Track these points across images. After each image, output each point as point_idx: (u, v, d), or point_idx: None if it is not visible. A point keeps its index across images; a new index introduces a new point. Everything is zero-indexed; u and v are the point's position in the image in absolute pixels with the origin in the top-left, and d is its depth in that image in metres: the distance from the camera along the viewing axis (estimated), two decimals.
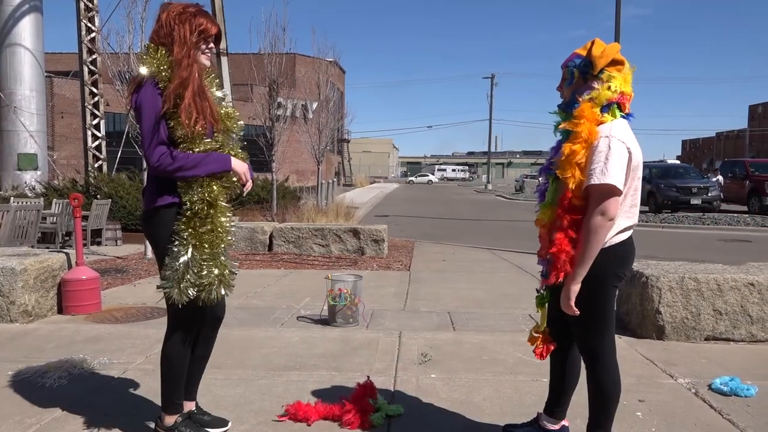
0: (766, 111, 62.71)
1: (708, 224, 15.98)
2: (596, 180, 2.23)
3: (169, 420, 2.74)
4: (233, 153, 2.66)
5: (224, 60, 19.67)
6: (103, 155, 15.75)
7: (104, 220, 10.79)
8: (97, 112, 15.60)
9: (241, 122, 2.76)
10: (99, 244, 10.68)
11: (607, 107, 2.33)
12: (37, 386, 3.46)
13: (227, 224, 2.63)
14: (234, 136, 2.74)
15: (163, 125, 2.49)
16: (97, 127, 15.63)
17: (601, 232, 2.26)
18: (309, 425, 2.96)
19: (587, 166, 2.27)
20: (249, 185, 2.70)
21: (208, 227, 2.56)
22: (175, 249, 2.55)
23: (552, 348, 2.63)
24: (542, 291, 2.62)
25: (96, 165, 15.50)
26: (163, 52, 2.55)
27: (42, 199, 11.87)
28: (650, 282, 4.51)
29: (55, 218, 10.25)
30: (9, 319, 4.86)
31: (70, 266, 5.48)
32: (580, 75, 2.38)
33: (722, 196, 21.61)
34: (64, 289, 5.26)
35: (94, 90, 15.51)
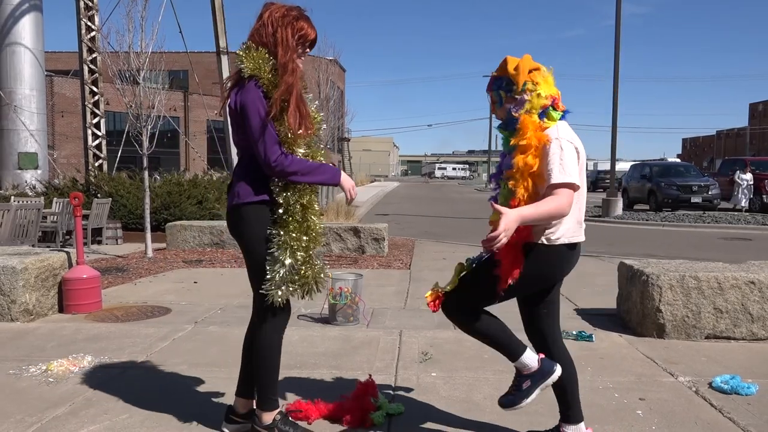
0: (766, 109, 62.67)
1: (708, 222, 15.98)
2: (556, 179, 2.35)
3: (267, 418, 2.72)
4: (319, 155, 2.68)
5: (224, 58, 19.65)
6: (104, 154, 15.75)
7: (105, 219, 10.79)
8: (97, 111, 15.60)
9: (325, 126, 2.79)
10: (99, 243, 10.69)
11: (543, 113, 2.45)
12: (38, 385, 3.46)
13: (319, 226, 2.65)
14: (318, 138, 2.76)
15: (272, 125, 2.50)
16: (97, 126, 15.63)
17: (560, 208, 2.35)
18: (309, 423, 2.96)
19: (543, 171, 2.38)
20: (353, 197, 2.75)
21: (303, 229, 2.58)
22: (273, 251, 2.56)
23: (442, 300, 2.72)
24: (466, 263, 2.67)
25: (96, 164, 15.50)
26: (264, 52, 2.53)
27: (42, 198, 11.88)
28: (651, 280, 4.51)
29: (55, 217, 10.25)
30: (10, 318, 4.86)
31: (70, 265, 5.48)
32: (507, 94, 2.51)
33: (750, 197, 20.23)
34: (65, 287, 5.27)
35: (95, 89, 15.50)
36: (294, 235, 2.57)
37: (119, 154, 16.57)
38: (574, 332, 4.59)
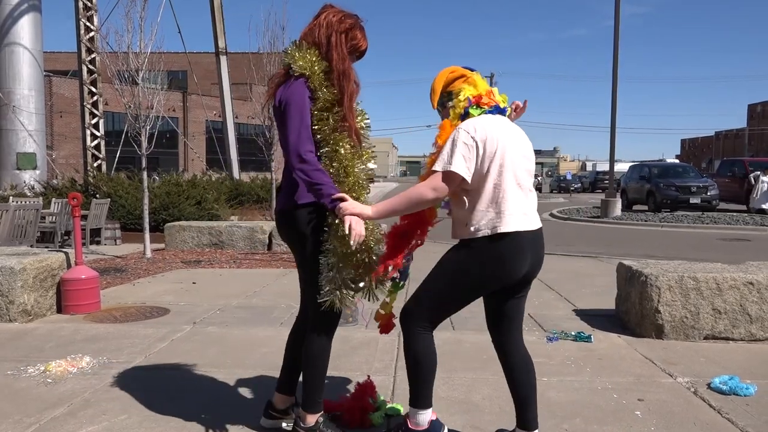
0: (765, 110, 62.77)
1: (707, 223, 15.98)
2: (437, 166, 2.41)
3: (311, 419, 2.70)
4: (367, 154, 2.67)
5: (223, 59, 19.68)
6: (102, 154, 15.76)
7: (103, 219, 10.78)
8: (96, 112, 15.60)
9: (369, 121, 2.73)
10: (98, 243, 10.68)
11: (464, 114, 2.52)
12: (36, 386, 3.46)
13: (377, 232, 2.67)
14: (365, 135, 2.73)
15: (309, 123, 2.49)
16: (96, 126, 15.64)
17: (421, 197, 2.44)
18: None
19: None
20: (355, 235, 2.42)
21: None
22: (327, 257, 2.53)
23: (393, 324, 2.88)
24: (398, 280, 2.86)
25: (95, 164, 15.51)
26: (316, 52, 2.53)
27: (41, 198, 11.88)
28: (649, 281, 4.51)
29: (54, 217, 10.24)
30: (8, 318, 4.86)
31: (69, 265, 5.48)
32: (441, 107, 2.64)
33: None
34: (64, 288, 5.26)
35: (93, 89, 15.50)
36: (345, 240, 2.52)
37: (118, 155, 16.59)
38: (573, 333, 4.59)
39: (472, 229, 2.42)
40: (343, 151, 2.55)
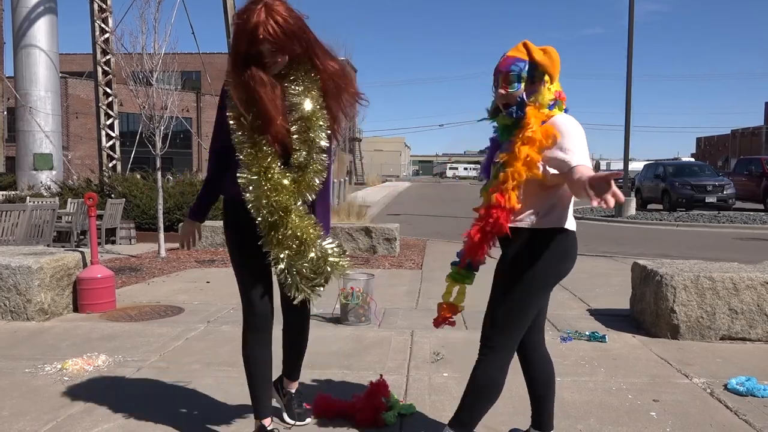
0: None
1: (723, 222, 15.81)
2: (577, 162, 2.20)
3: (294, 386, 3.00)
4: (316, 165, 2.57)
5: None
6: (117, 155, 15.90)
7: (118, 219, 10.89)
8: (111, 113, 15.75)
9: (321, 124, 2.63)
10: (113, 242, 10.78)
11: (552, 106, 2.35)
12: (53, 384, 3.50)
13: (301, 228, 2.51)
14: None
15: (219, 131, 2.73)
16: (111, 127, 15.78)
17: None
18: (329, 419, 2.96)
19: (550, 160, 2.26)
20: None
21: (289, 232, 2.50)
22: (272, 258, 2.54)
23: (449, 323, 2.74)
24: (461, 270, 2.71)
25: (110, 164, 15.66)
26: None
27: (57, 198, 12.01)
28: (665, 281, 4.47)
29: (70, 217, 10.36)
30: (26, 317, 4.92)
31: (85, 265, 5.54)
32: (528, 79, 2.32)
33: None
34: (80, 287, 5.32)
35: (108, 90, 15.65)
36: (279, 239, 2.50)
37: (132, 155, 16.71)
38: (587, 333, 4.56)
39: (544, 220, 2.35)
40: (258, 155, 2.49)
